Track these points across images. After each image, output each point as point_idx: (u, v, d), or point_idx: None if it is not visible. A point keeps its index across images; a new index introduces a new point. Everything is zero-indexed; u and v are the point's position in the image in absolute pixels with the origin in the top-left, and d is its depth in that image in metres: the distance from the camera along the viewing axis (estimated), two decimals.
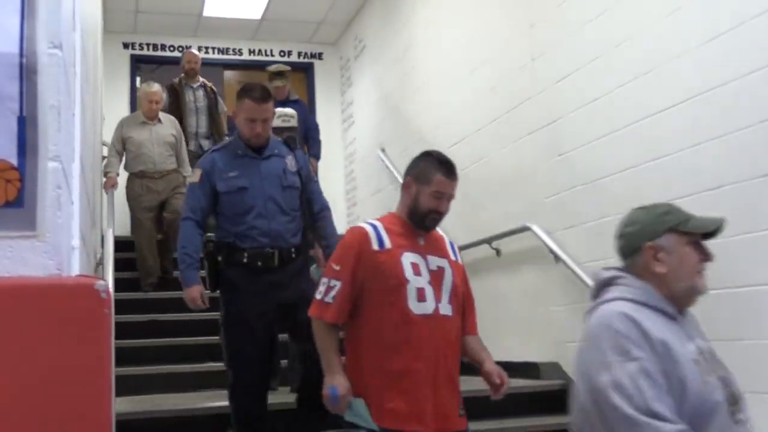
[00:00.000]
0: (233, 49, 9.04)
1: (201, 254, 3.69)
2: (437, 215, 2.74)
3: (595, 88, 4.16)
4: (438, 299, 2.65)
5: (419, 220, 2.74)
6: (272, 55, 9.16)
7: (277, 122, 4.61)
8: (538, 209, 4.68)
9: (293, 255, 3.65)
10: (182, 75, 7.31)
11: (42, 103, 1.37)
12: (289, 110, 4.97)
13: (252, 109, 3.58)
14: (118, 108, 8.10)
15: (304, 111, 6.61)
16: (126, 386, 4.20)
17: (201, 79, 7.38)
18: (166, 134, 6.33)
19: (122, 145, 6.26)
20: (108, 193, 5.91)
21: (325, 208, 3.92)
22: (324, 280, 2.69)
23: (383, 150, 7.46)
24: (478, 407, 4.24)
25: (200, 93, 7.31)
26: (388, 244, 2.66)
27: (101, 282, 1.35)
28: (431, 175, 2.73)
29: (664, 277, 2.07)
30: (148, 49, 8.77)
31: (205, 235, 3.71)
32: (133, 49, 8.72)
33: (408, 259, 2.65)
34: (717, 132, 3.33)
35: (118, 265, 4.62)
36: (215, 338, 5.28)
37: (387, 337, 2.60)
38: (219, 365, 4.94)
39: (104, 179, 5.98)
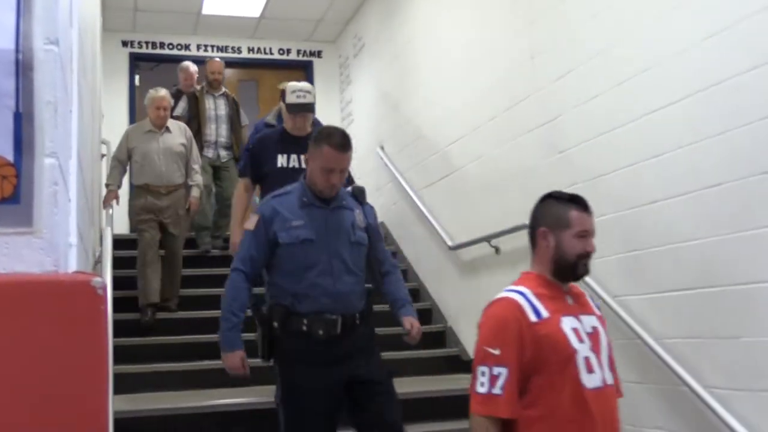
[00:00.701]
0: (232, 47, 9.03)
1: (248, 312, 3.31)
2: (587, 257, 2.43)
3: (595, 86, 4.15)
4: (602, 367, 2.34)
5: (571, 270, 2.42)
6: (271, 53, 9.16)
7: (291, 98, 4.39)
8: None
9: (357, 321, 3.26)
10: (204, 83, 7.17)
11: (38, 100, 1.37)
12: (306, 84, 4.61)
13: (331, 158, 3.20)
14: (117, 106, 8.11)
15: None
16: (124, 384, 4.20)
17: (224, 88, 7.20)
18: (175, 143, 5.83)
19: (126, 155, 5.82)
20: (107, 207, 5.57)
21: (394, 268, 3.57)
22: (482, 368, 2.26)
23: (382, 147, 7.46)
24: None
25: (221, 101, 7.09)
26: (544, 312, 2.30)
27: (97, 279, 1.34)
28: (567, 215, 2.44)
29: None
30: (147, 47, 8.77)
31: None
32: (132, 47, 8.72)
33: (567, 325, 2.32)
34: (717, 129, 3.32)
35: (117, 263, 4.62)
36: (213, 336, 5.28)
37: (562, 421, 2.24)
38: (216, 363, 4.94)
39: (104, 191, 5.76)
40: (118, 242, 5.56)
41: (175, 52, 8.77)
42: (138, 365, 4.80)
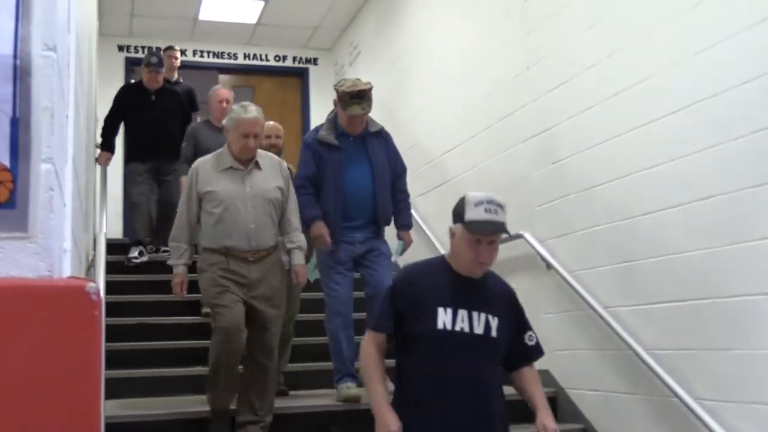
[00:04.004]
0: (228, 54, 9.05)
1: None
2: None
3: (589, 97, 4.17)
4: None
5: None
6: (267, 60, 9.18)
7: (475, 212, 2.65)
8: (531, 217, 4.69)
9: None
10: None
11: (35, 105, 1.38)
12: (495, 194, 2.76)
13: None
14: None
15: (391, 144, 4.61)
16: (116, 389, 4.19)
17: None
18: (269, 187, 3.90)
19: (197, 207, 3.87)
20: (179, 293, 3.95)
21: None
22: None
23: None
24: None
25: None
26: None
27: (92, 284, 1.35)
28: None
29: None
30: (143, 52, 8.73)
31: None
32: (128, 51, 8.73)
33: None
34: (709, 142, 3.35)
35: (110, 268, 4.61)
36: (205, 341, 5.27)
37: None
38: (208, 368, 4.93)
39: (174, 271, 3.95)
40: (112, 246, 5.55)
41: None
42: (130, 370, 4.79)
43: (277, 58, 9.22)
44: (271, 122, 5.10)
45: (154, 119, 6.38)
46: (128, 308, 5.62)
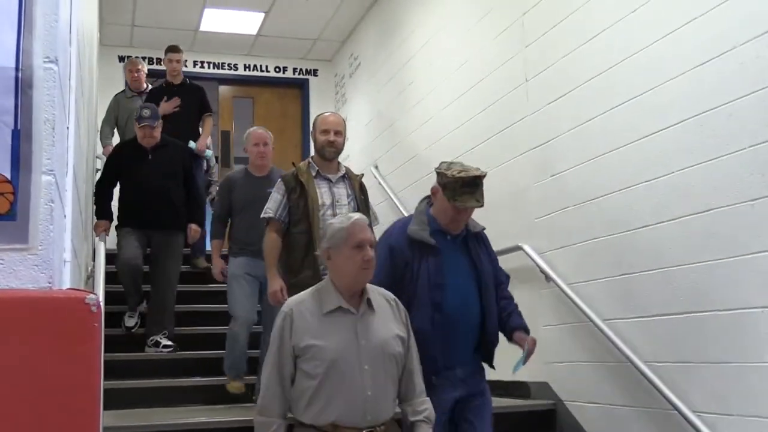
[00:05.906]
0: (228, 64, 9.09)
1: None
2: None
3: (588, 110, 4.19)
4: None
5: None
6: (267, 71, 9.20)
7: None
8: (530, 229, 4.70)
9: None
10: (311, 156, 4.27)
11: (37, 117, 1.39)
12: None
13: None
14: None
15: (491, 248, 3.54)
16: (114, 400, 4.18)
17: (343, 166, 4.23)
18: (388, 337, 2.83)
19: (294, 366, 2.74)
20: None
21: None
22: None
23: (376, 167, 7.48)
24: None
25: (342, 190, 4.09)
26: None
27: (92, 296, 1.35)
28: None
29: None
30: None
31: None
32: None
33: None
34: (708, 155, 3.36)
35: (109, 279, 4.60)
36: (204, 352, 5.28)
37: None
38: (207, 379, 4.93)
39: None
40: (111, 257, 5.54)
41: None
42: (129, 380, 4.78)
43: (277, 69, 9.25)
44: (331, 114, 4.28)
45: (151, 182, 5.27)
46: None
